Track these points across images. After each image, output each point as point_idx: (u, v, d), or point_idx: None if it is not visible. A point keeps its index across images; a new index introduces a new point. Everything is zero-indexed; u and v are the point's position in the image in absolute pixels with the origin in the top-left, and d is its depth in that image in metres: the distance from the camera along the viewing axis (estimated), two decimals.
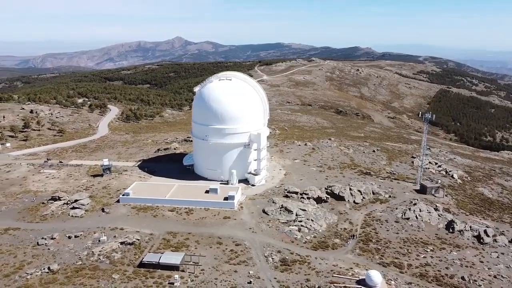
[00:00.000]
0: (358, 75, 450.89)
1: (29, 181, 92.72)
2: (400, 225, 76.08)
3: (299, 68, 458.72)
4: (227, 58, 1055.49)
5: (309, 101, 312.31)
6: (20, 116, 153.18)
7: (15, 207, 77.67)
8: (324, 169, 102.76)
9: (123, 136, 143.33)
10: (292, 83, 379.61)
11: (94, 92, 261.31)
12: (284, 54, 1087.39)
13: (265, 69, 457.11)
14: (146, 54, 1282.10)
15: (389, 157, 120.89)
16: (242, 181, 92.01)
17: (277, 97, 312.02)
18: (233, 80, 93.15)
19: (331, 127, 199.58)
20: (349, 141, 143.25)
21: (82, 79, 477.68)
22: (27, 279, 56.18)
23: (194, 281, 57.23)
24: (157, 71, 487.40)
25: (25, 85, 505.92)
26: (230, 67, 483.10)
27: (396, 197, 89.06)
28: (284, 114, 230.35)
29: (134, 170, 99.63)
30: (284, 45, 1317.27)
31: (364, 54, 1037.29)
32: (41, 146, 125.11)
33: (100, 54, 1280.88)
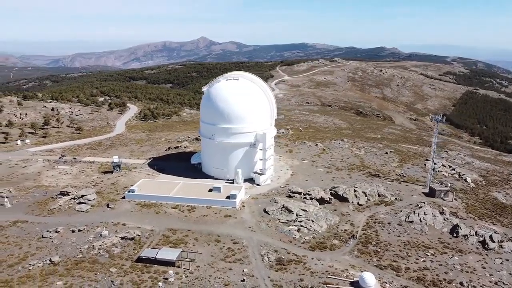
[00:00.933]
0: (381, 76, 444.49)
1: (42, 176, 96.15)
2: (403, 228, 75.04)
3: (321, 68, 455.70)
4: (251, 58, 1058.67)
5: (329, 102, 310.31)
6: (42, 113, 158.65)
7: (26, 200, 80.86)
8: (332, 170, 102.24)
9: (138, 134, 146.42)
10: (313, 83, 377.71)
11: (116, 91, 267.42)
12: (308, 54, 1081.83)
13: (287, 69, 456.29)
14: (171, 54, 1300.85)
15: (402, 159, 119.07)
16: (248, 180, 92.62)
17: (296, 98, 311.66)
18: (240, 80, 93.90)
19: (348, 128, 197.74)
20: (363, 142, 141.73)
21: (108, 78, 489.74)
22: (29, 269, 58.54)
23: (189, 277, 58.24)
24: (180, 71, 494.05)
25: (54, 83, 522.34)
26: (252, 67, 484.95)
27: (403, 199, 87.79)
28: (302, 115, 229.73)
29: (143, 167, 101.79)
30: (309, 46, 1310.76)
31: (389, 54, 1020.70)
32: (59, 143, 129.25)
33: (126, 54, 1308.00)
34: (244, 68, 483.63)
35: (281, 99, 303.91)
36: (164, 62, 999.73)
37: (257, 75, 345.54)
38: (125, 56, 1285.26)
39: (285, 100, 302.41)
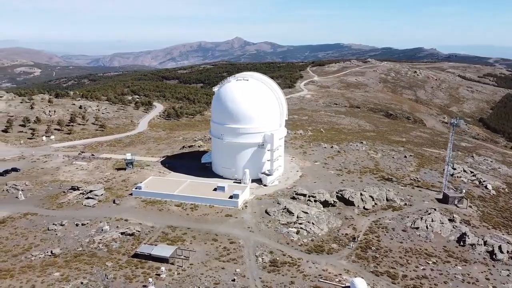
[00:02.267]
0: (415, 77, 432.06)
1: (60, 171, 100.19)
2: (407, 234, 72.89)
3: (353, 69, 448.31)
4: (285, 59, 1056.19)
5: (358, 103, 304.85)
6: (70, 111, 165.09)
7: (39, 194, 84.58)
8: (343, 173, 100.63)
9: (158, 133, 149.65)
10: (343, 84, 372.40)
11: (146, 90, 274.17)
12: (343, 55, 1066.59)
13: (317, 70, 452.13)
14: (206, 54, 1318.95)
15: (420, 164, 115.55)
16: (256, 180, 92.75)
17: (324, 99, 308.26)
18: (250, 81, 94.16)
19: (372, 130, 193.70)
20: (383, 145, 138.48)
21: (142, 77, 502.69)
22: (31, 260, 61.24)
23: (180, 274, 59.06)
24: (211, 71, 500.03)
25: (91, 82, 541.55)
26: (282, 67, 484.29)
27: (413, 205, 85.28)
28: (327, 116, 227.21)
29: (156, 165, 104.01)
30: (344, 46, 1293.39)
31: (428, 55, 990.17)
32: (82, 140, 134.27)
33: (163, 54, 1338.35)
34: (274, 69, 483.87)
35: (308, 100, 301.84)
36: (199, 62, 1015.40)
37: (287, 76, 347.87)
38: (161, 56, 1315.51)
39: (313, 101, 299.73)
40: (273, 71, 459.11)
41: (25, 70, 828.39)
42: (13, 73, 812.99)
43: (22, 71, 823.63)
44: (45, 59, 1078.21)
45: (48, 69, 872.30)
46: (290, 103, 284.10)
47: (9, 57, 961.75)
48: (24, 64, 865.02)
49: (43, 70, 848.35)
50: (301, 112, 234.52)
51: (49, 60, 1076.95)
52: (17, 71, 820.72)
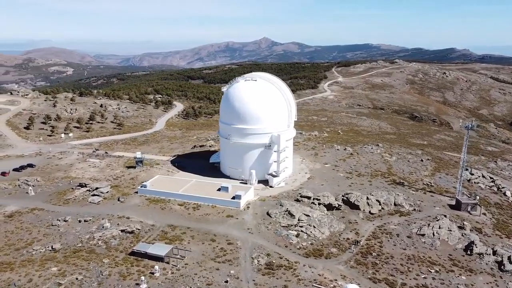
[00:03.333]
0: (444, 79, 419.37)
1: (73, 168, 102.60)
2: (412, 240, 70.49)
3: (379, 70, 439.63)
4: (312, 59, 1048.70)
5: (382, 105, 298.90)
6: (91, 109, 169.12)
7: (49, 190, 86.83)
8: (353, 176, 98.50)
9: (174, 132, 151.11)
10: (368, 85, 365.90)
11: (168, 89, 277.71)
12: (371, 55, 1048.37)
13: (342, 70, 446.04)
14: (233, 54, 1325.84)
15: (436, 168, 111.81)
16: (262, 181, 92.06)
17: (347, 100, 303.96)
18: (258, 81, 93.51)
19: (393, 132, 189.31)
20: (401, 148, 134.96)
21: (168, 77, 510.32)
22: (32, 254, 62.88)
23: (174, 273, 59.20)
24: (236, 71, 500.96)
25: (120, 81, 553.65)
26: (307, 68, 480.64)
27: (422, 211, 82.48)
28: (347, 117, 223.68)
29: (165, 164, 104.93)
30: (373, 46, 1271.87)
31: (460, 56, 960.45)
32: (99, 138, 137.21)
33: (191, 54, 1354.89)
34: (298, 69, 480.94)
35: (330, 101, 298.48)
36: (226, 62, 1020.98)
37: (311, 76, 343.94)
38: (189, 56, 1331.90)
39: (335, 102, 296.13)
40: (298, 71, 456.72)
41: (58, 69, 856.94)
42: (47, 72, 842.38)
43: (55, 70, 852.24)
44: (78, 59, 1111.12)
45: (80, 68, 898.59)
46: (311, 104, 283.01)
47: (44, 56, 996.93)
48: (57, 64, 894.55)
49: (75, 69, 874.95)
50: (321, 113, 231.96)
51: (81, 60, 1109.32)
52: (51, 70, 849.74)
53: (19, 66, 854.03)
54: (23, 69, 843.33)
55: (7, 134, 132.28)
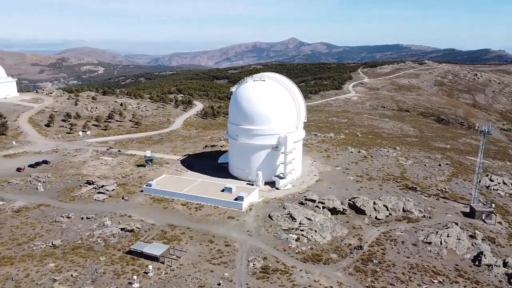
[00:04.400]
0: (474, 81, 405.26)
1: (85, 166, 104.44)
2: (417, 248, 67.70)
3: (406, 71, 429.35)
4: (340, 60, 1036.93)
5: (407, 107, 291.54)
6: (110, 108, 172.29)
7: (57, 186, 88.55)
8: (363, 179, 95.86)
9: (190, 131, 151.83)
10: (394, 86, 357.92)
11: (191, 89, 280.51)
12: (401, 56, 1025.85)
13: (369, 71, 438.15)
14: (261, 54, 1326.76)
15: (454, 173, 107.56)
16: (269, 183, 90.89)
17: (372, 101, 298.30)
18: (267, 81, 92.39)
19: (415, 135, 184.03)
20: (420, 151, 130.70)
21: (193, 77, 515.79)
22: (32, 249, 64.03)
23: (168, 274, 58.92)
24: (261, 71, 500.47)
25: (147, 81, 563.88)
26: (333, 68, 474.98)
27: (433, 217, 79.23)
28: (369, 119, 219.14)
29: (175, 163, 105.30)
30: (403, 47, 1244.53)
31: (495, 57, 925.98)
32: (115, 136, 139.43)
33: (219, 54, 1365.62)
34: (324, 70, 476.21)
35: (354, 102, 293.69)
36: (254, 62, 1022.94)
37: (335, 77, 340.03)
38: (217, 56, 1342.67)
39: (359, 103, 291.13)
40: (323, 72, 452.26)
41: (90, 69, 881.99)
42: (79, 71, 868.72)
43: (87, 70, 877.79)
44: (109, 58, 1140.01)
45: (110, 67, 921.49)
46: (334, 105, 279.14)
47: (77, 56, 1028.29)
48: (89, 63, 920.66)
49: (106, 68, 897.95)
50: (342, 115, 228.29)
51: (112, 59, 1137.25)
52: (83, 70, 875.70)
53: (53, 65, 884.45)
54: (57, 68, 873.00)
55: (28, 131, 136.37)
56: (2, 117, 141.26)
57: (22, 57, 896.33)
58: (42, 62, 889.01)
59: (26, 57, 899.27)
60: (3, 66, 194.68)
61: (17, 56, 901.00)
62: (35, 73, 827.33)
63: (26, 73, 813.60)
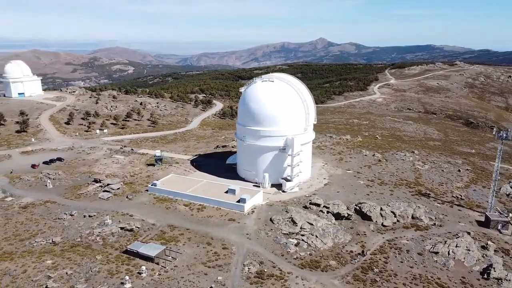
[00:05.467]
0: (508, 82, 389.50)
1: (97, 164, 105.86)
2: (422, 258, 64.59)
3: (436, 72, 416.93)
4: (369, 60, 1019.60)
5: (434, 109, 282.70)
6: (130, 107, 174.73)
7: (66, 184, 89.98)
8: (374, 184, 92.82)
9: (205, 131, 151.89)
10: (422, 88, 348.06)
11: (213, 89, 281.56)
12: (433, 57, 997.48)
13: (396, 72, 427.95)
14: (288, 54, 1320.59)
15: (473, 179, 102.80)
16: (276, 185, 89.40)
17: (397, 103, 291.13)
18: (276, 82, 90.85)
19: (439, 139, 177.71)
20: (440, 156, 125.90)
21: (219, 76, 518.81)
22: (33, 246, 65.02)
23: (161, 275, 58.47)
24: (286, 71, 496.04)
25: (174, 80, 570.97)
26: (359, 69, 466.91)
27: (444, 226, 75.66)
28: (392, 122, 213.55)
29: (185, 163, 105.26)
30: (435, 48, 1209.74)
31: None
32: (131, 134, 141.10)
33: (246, 54, 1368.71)
34: (350, 70, 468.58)
35: (378, 104, 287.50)
36: (281, 62, 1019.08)
37: (361, 78, 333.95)
38: (245, 56, 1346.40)
39: (383, 105, 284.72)
40: (348, 72, 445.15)
41: (120, 68, 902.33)
42: (110, 70, 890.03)
43: (118, 69, 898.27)
44: (139, 58, 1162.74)
45: (140, 67, 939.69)
46: (357, 107, 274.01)
47: (108, 56, 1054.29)
48: (120, 63, 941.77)
49: (136, 68, 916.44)
50: (364, 117, 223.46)
51: (142, 59, 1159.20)
52: (114, 69, 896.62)
53: (85, 64, 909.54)
54: (89, 68, 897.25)
55: (47, 128, 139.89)
56: (24, 114, 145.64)
57: (56, 56, 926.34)
58: (75, 61, 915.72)
59: (60, 57, 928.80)
60: (39, 65, 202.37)
61: (52, 55, 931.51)
62: (68, 72, 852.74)
63: (59, 72, 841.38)
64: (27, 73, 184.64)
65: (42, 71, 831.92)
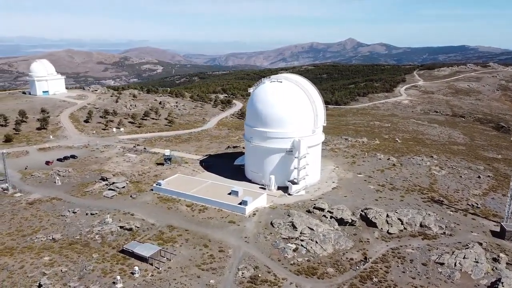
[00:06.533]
0: None
1: (109, 162, 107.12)
2: (426, 269, 61.51)
3: (467, 74, 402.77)
4: (400, 61, 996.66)
5: (463, 112, 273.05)
6: (149, 106, 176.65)
7: (74, 181, 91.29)
8: (384, 189, 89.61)
9: (221, 131, 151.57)
10: (451, 90, 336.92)
11: (236, 89, 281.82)
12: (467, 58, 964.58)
13: (425, 73, 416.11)
14: (317, 55, 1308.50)
15: (493, 187, 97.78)
16: (283, 188, 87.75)
17: (424, 105, 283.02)
18: (284, 83, 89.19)
19: (463, 143, 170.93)
20: (460, 161, 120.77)
21: (244, 76, 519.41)
22: (33, 242, 66.04)
23: (154, 276, 58.07)
24: (311, 72, 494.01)
25: (200, 80, 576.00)
26: (386, 70, 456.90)
27: (454, 235, 71.95)
28: (415, 124, 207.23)
29: (194, 163, 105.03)
30: (469, 48, 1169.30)
31: None
32: (147, 133, 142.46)
33: (274, 54, 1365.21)
34: (376, 71, 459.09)
35: (404, 106, 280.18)
36: (309, 62, 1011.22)
37: (387, 79, 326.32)
38: (273, 56, 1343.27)
39: (409, 107, 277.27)
40: (375, 73, 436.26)
41: (149, 68, 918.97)
42: (140, 70, 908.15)
43: (147, 68, 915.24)
44: (168, 58, 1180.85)
45: (169, 67, 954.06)
46: (381, 109, 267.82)
47: (139, 55, 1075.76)
48: (149, 62, 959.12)
49: (164, 67, 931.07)
50: (387, 119, 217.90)
51: (171, 59, 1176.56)
52: (143, 68, 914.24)
53: (116, 64, 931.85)
54: (120, 67, 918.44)
55: (66, 126, 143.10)
56: (45, 112, 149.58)
57: (89, 56, 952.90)
58: (106, 60, 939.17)
59: (93, 56, 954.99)
60: (72, 64, 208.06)
61: (85, 55, 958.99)
62: (99, 71, 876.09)
63: (91, 71, 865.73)
64: (51, 71, 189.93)
65: (75, 70, 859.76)
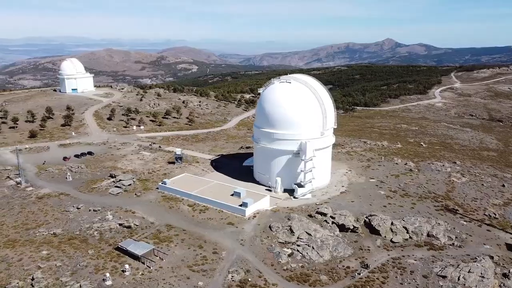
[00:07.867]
0: None
1: (123, 159, 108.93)
2: (426, 282, 58.22)
3: (509, 76, 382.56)
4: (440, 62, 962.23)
5: (501, 116, 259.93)
6: (172, 105, 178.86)
7: (85, 177, 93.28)
8: (395, 195, 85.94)
9: (239, 131, 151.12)
10: (490, 93, 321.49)
11: None
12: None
13: (463, 75, 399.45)
14: (353, 55, 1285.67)
15: None
16: (289, 191, 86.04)
17: (459, 108, 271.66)
18: (293, 83, 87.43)
19: (496, 149, 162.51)
20: (487, 168, 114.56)
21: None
22: (35, 236, 67.77)
23: (144, 275, 58.07)
24: (344, 73, 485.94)
25: (233, 79, 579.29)
26: (422, 71, 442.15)
27: (464, 247, 67.93)
28: (445, 128, 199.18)
29: (204, 163, 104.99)
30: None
31: None
32: (165, 132, 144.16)
33: (310, 54, 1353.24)
34: (412, 73, 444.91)
35: (437, 108, 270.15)
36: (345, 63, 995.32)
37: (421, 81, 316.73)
38: (308, 56, 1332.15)
39: (442, 110, 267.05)
40: (410, 75, 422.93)
41: (184, 67, 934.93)
42: (175, 69, 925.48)
43: (182, 68, 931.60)
44: (204, 57, 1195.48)
45: (203, 66, 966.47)
46: (412, 111, 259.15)
47: (175, 55, 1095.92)
48: (185, 62, 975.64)
49: (199, 67, 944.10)
50: (416, 122, 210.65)
51: (207, 59, 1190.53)
52: (179, 68, 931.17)
53: (153, 63, 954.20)
54: (156, 66, 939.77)
55: (89, 123, 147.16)
56: (70, 109, 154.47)
57: (127, 55, 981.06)
58: (143, 60, 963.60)
59: (131, 55, 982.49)
60: (111, 63, 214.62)
61: (123, 54, 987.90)
62: (137, 70, 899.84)
63: (129, 70, 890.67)
64: (80, 70, 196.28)
65: (114, 69, 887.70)
